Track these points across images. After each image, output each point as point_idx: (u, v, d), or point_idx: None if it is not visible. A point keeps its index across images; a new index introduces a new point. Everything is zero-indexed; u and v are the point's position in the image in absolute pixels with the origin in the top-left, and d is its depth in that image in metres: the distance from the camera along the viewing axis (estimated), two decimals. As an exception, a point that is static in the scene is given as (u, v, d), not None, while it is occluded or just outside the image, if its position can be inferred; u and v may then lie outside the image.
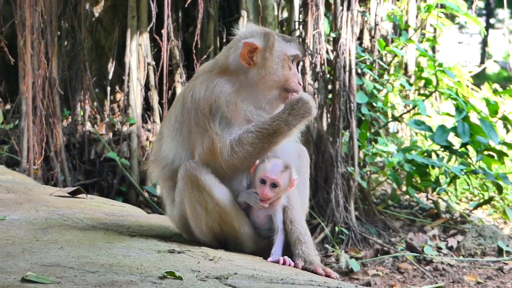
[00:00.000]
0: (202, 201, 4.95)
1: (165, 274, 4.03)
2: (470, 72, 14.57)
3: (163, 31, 10.67)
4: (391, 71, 13.01)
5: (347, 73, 11.12)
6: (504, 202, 12.58)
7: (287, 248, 5.03)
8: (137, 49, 11.71)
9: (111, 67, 12.24)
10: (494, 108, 11.60)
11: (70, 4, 11.71)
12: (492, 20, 41.82)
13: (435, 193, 12.29)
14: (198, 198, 4.96)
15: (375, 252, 10.41)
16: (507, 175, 11.52)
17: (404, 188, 12.20)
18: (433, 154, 11.78)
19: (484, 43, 37.03)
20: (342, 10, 11.22)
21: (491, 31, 39.25)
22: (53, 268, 4.02)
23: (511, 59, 15.67)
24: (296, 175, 5.07)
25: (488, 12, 40.84)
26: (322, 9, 11.11)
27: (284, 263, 4.88)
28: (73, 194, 6.97)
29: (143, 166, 11.16)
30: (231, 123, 4.94)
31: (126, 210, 6.61)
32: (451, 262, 9.97)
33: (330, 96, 11.53)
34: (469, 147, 11.55)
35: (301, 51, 5.28)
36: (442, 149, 11.69)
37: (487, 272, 9.66)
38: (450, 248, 10.56)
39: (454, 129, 11.34)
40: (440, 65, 11.84)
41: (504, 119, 11.61)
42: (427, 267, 9.86)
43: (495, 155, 11.44)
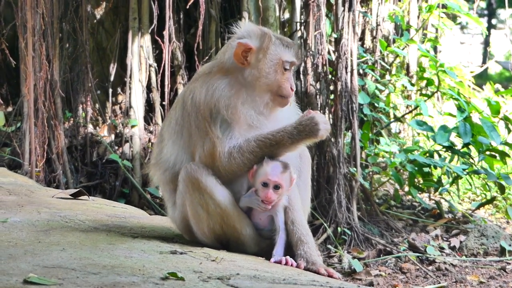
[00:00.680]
0: (203, 203, 4.95)
1: (167, 275, 4.03)
2: (472, 72, 14.56)
3: (165, 33, 10.67)
4: (393, 72, 13.00)
5: (349, 73, 11.11)
6: (506, 202, 12.58)
7: (289, 249, 5.03)
8: (138, 50, 11.71)
9: (113, 69, 12.25)
10: (495, 108, 11.60)
11: (72, 6, 11.71)
12: (494, 21, 41.87)
13: (437, 193, 12.26)
14: (200, 200, 4.96)
15: (377, 252, 10.40)
16: (509, 175, 11.52)
17: (406, 188, 12.21)
18: (435, 154, 11.78)
19: (486, 43, 37.04)
20: (344, 10, 11.21)
21: (493, 31, 39.28)
22: (55, 270, 4.03)
23: (513, 59, 15.68)
24: (295, 174, 5.08)
25: (490, 13, 40.89)
26: (324, 10, 11.10)
27: (286, 264, 4.88)
28: (75, 196, 6.98)
29: (145, 169, 11.18)
30: (231, 127, 4.94)
31: (128, 212, 6.61)
32: (454, 262, 9.96)
33: (332, 96, 11.52)
34: (471, 147, 11.55)
35: (298, 58, 5.23)
36: (444, 149, 11.69)
37: (489, 272, 9.65)
38: (453, 248, 10.55)
39: (456, 129, 11.35)
40: (442, 65, 11.84)
41: (506, 119, 11.60)
42: (430, 267, 9.85)
43: (497, 155, 11.44)
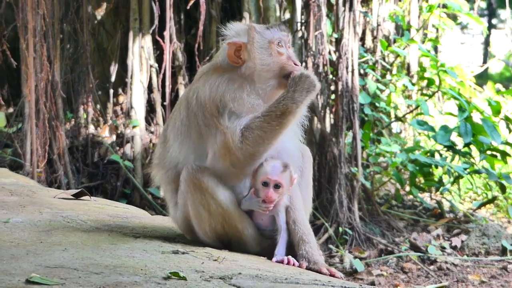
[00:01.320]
0: (205, 203, 4.95)
1: (169, 274, 4.03)
2: (472, 72, 14.56)
3: (165, 33, 10.69)
4: (394, 72, 13.01)
5: (350, 73, 11.12)
6: (507, 201, 12.58)
7: (291, 248, 5.03)
8: (139, 51, 11.73)
9: (114, 69, 12.26)
10: (496, 108, 11.61)
11: (72, 7, 11.72)
12: (494, 21, 41.84)
13: (438, 192, 12.28)
14: (201, 200, 4.95)
15: (379, 252, 10.41)
16: (510, 175, 11.54)
17: (407, 188, 12.21)
18: (436, 154, 11.79)
19: (486, 43, 37.03)
20: (344, 10, 11.23)
21: (493, 31, 39.26)
22: (57, 270, 4.03)
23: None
24: (295, 173, 5.07)
25: (490, 12, 40.86)
26: (324, 10, 11.11)
27: (288, 263, 4.87)
28: (76, 197, 6.97)
29: (146, 169, 11.18)
30: (239, 116, 4.91)
31: (130, 212, 6.61)
32: (455, 261, 9.97)
33: (333, 96, 11.54)
34: (472, 147, 11.56)
35: (285, 31, 5.17)
36: (445, 149, 11.70)
37: (491, 271, 9.66)
38: (454, 247, 10.56)
39: (457, 129, 11.36)
40: (443, 65, 11.85)
41: (507, 119, 11.62)
42: (431, 267, 9.85)
43: (498, 155, 11.45)
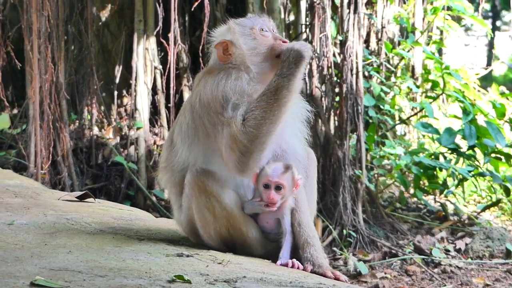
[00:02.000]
0: (209, 206, 4.95)
1: (174, 277, 4.03)
2: (477, 74, 14.54)
3: (170, 35, 10.67)
4: (398, 74, 13.00)
5: (354, 75, 11.11)
6: (511, 204, 12.56)
7: (295, 251, 5.02)
8: (144, 53, 11.73)
9: (118, 71, 12.26)
10: (501, 110, 11.60)
11: (77, 9, 11.73)
12: (498, 23, 41.80)
13: (442, 195, 12.27)
14: (206, 203, 4.95)
15: (383, 254, 10.39)
16: (514, 178, 11.52)
17: (411, 190, 12.19)
18: (440, 157, 11.77)
19: (491, 45, 36.99)
20: (349, 13, 11.22)
21: (497, 33, 39.22)
22: (61, 272, 4.03)
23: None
24: (300, 174, 5.06)
25: (494, 15, 40.82)
26: (329, 12, 11.11)
27: (292, 266, 4.87)
28: (81, 199, 6.97)
29: (150, 171, 11.18)
30: (242, 106, 4.90)
31: (134, 214, 6.61)
32: (459, 264, 9.95)
33: (337, 99, 11.53)
34: (476, 149, 11.54)
35: (265, 17, 5.29)
36: (450, 151, 11.69)
37: (495, 274, 9.64)
38: (458, 250, 10.54)
39: (461, 131, 11.34)
40: (447, 67, 11.83)
41: (511, 121, 11.60)
42: (435, 270, 9.84)
43: (503, 157, 11.43)
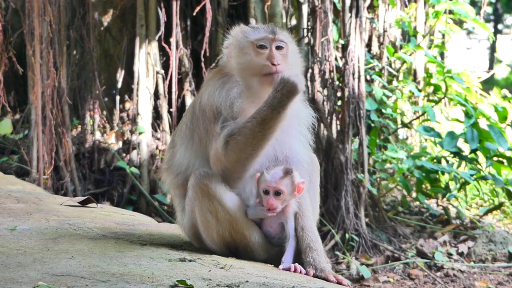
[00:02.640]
0: (212, 209, 4.94)
1: (176, 282, 4.03)
2: (478, 77, 14.54)
3: (172, 40, 10.69)
4: (400, 78, 13.00)
5: (356, 79, 11.11)
6: (514, 207, 12.57)
7: (298, 256, 5.02)
8: (146, 57, 11.74)
9: (120, 76, 12.27)
10: (503, 114, 11.60)
11: (79, 14, 11.74)
12: (500, 26, 41.81)
13: (445, 199, 12.26)
14: (209, 207, 4.94)
15: (385, 258, 10.39)
16: (516, 181, 11.52)
17: (414, 194, 12.19)
18: (442, 160, 11.77)
19: (493, 48, 36.99)
20: (351, 17, 11.22)
21: (499, 36, 39.23)
22: (64, 278, 4.03)
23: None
24: (302, 179, 5.04)
25: (496, 18, 40.83)
26: (331, 16, 11.11)
27: (295, 271, 4.86)
28: (83, 204, 6.97)
29: (154, 175, 11.18)
30: (231, 123, 4.91)
31: (137, 219, 6.61)
32: (462, 268, 9.95)
33: (339, 103, 11.53)
34: (478, 153, 11.54)
35: (269, 32, 5.11)
36: (452, 155, 11.69)
37: (498, 278, 9.63)
38: (461, 254, 10.53)
39: (464, 135, 11.34)
40: (449, 71, 11.84)
41: (513, 125, 11.62)
42: (438, 273, 9.84)
43: (505, 161, 11.43)
